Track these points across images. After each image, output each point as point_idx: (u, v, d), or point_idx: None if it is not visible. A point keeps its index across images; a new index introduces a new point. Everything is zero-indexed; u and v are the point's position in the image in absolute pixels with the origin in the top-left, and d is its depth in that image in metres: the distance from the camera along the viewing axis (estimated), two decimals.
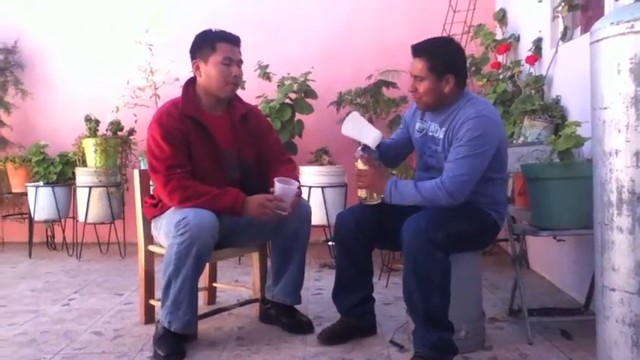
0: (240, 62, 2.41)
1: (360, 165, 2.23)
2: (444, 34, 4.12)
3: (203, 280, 2.86)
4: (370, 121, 2.30)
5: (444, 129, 2.19)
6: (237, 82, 2.42)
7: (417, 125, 2.34)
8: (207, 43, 2.36)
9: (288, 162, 2.59)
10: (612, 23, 1.66)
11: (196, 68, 2.39)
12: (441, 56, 2.16)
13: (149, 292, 2.63)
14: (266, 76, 4.12)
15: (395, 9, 4.64)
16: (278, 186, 2.30)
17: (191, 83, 2.45)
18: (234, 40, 2.39)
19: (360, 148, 2.23)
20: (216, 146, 2.37)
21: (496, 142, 2.11)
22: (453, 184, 2.05)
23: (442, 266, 2.03)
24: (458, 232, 2.07)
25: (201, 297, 2.81)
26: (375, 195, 2.24)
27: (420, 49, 2.18)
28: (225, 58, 2.34)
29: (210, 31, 2.40)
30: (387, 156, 2.39)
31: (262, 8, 4.69)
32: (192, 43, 2.41)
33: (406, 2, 4.63)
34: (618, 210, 1.69)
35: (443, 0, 4.30)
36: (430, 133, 2.27)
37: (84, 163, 4.20)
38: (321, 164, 3.96)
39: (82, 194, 4.16)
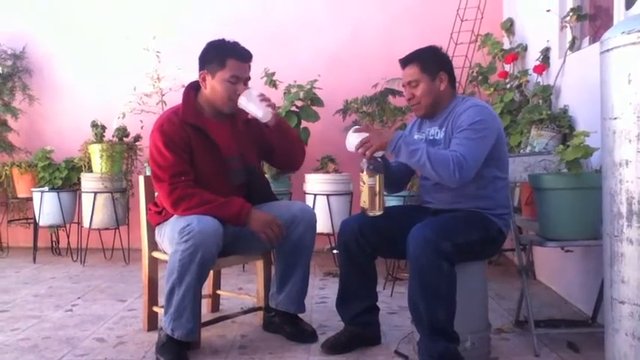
0: (247, 80, 2.38)
1: (365, 177, 2.20)
2: (452, 43, 4.11)
3: (207, 288, 2.83)
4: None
5: (443, 129, 2.25)
6: None
7: (415, 137, 2.38)
8: (217, 58, 2.32)
9: None
10: (623, 32, 1.65)
11: (202, 79, 2.37)
12: (429, 57, 2.28)
13: (152, 299, 2.62)
14: (272, 83, 4.12)
15: (402, 18, 4.63)
16: (241, 99, 2.31)
17: (192, 88, 2.43)
18: (244, 57, 2.35)
19: (364, 160, 2.20)
20: (218, 152, 2.36)
21: (496, 128, 2.18)
22: (466, 163, 2.05)
23: (448, 276, 2.01)
24: (464, 242, 2.06)
25: (205, 304, 2.79)
26: (377, 205, 2.21)
27: (408, 58, 2.30)
28: (233, 76, 2.31)
29: (222, 43, 2.36)
30: (394, 177, 2.38)
31: (270, 16, 4.70)
32: (203, 51, 2.38)
33: (413, 11, 4.63)
34: (628, 222, 1.67)
35: (450, 9, 4.29)
36: (430, 137, 2.31)
37: (89, 169, 4.20)
38: (327, 172, 3.95)
39: (87, 200, 4.15)
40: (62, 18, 4.83)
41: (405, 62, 2.30)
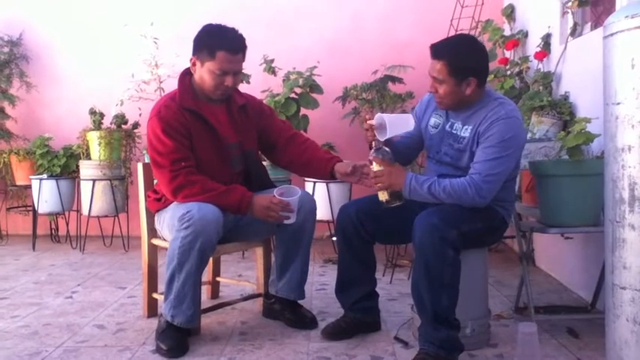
0: (237, 72, 2.32)
1: (375, 167, 2.16)
2: (452, 30, 4.08)
3: (206, 275, 2.84)
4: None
5: (469, 127, 2.12)
6: (229, 91, 2.35)
7: (432, 121, 2.27)
8: (207, 47, 2.26)
9: (300, 136, 2.58)
10: (627, 16, 1.63)
11: (193, 64, 2.33)
12: (461, 60, 2.05)
13: (152, 286, 2.62)
14: (271, 70, 4.10)
15: (402, 4, 4.59)
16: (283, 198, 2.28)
17: (187, 74, 2.39)
18: (235, 50, 2.28)
19: (373, 150, 2.16)
20: (218, 137, 2.33)
21: (524, 139, 2.13)
22: (486, 184, 2.01)
23: (453, 264, 2.00)
24: (469, 230, 2.04)
25: (205, 291, 2.80)
26: (398, 196, 2.16)
27: (439, 51, 2.05)
28: (221, 69, 2.26)
29: (216, 31, 2.30)
30: (401, 153, 2.33)
31: (270, 2, 4.66)
32: (198, 34, 2.32)
33: None
34: (630, 207, 1.66)
35: None
36: (452, 130, 2.19)
37: (88, 156, 4.19)
38: None
39: (85, 187, 4.14)
40: (59, 4, 4.78)
41: (434, 54, 2.06)
